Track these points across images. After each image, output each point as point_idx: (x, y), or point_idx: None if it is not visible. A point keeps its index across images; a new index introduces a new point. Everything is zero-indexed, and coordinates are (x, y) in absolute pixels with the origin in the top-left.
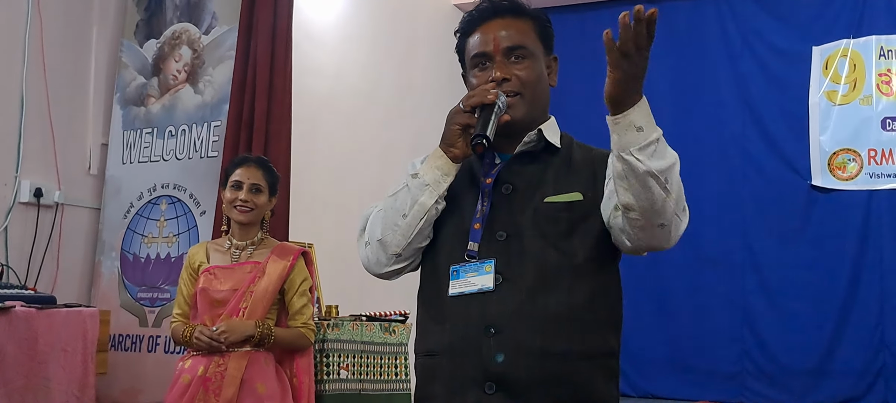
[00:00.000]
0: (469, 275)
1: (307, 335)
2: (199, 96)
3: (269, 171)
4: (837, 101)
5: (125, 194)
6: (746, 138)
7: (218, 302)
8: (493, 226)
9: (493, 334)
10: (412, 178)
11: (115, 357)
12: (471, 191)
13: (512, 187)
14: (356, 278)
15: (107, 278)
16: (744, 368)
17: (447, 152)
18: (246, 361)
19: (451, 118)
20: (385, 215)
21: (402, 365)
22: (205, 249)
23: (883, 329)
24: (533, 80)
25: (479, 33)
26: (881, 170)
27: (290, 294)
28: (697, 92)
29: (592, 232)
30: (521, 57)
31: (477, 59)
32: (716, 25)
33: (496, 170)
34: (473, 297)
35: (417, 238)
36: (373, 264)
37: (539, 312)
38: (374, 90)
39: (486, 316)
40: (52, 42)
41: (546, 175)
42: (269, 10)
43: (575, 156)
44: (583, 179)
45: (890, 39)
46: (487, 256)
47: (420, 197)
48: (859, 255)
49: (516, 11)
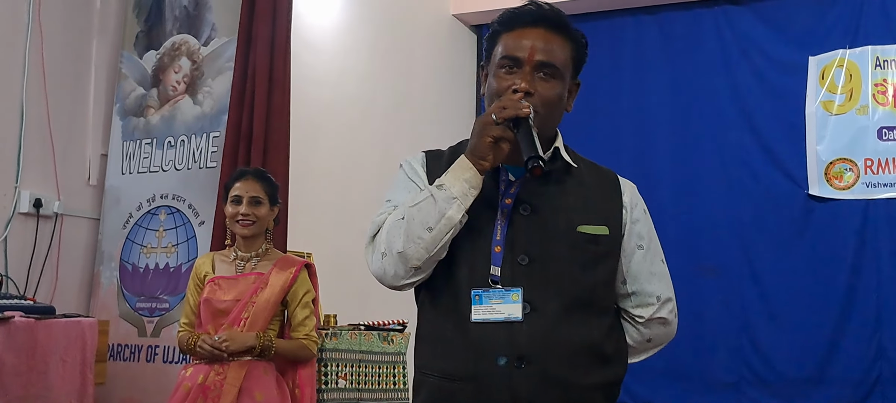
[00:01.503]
0: (494, 302)
1: (309, 346)
2: (199, 107)
3: (268, 182)
4: (834, 111)
5: (124, 204)
6: (743, 148)
7: (221, 312)
8: (514, 249)
9: (522, 368)
10: (437, 190)
11: (114, 367)
12: (483, 207)
13: (530, 208)
14: (355, 287)
15: (106, 288)
16: (742, 376)
17: (476, 165)
18: (245, 371)
19: (483, 130)
20: (407, 226)
21: (401, 375)
22: (211, 260)
23: (880, 337)
24: (553, 101)
25: (516, 35)
26: (878, 180)
27: (293, 305)
28: (695, 101)
29: (612, 266)
30: (550, 75)
31: (506, 60)
32: (713, 36)
33: (514, 189)
34: (500, 326)
35: (439, 252)
36: (389, 277)
37: (565, 344)
38: (373, 99)
39: (515, 346)
40: (52, 53)
41: (568, 198)
42: (267, 22)
43: (587, 178)
44: (604, 210)
45: (886, 50)
46: (511, 281)
47: (448, 210)
48: (856, 264)
49: (559, 27)
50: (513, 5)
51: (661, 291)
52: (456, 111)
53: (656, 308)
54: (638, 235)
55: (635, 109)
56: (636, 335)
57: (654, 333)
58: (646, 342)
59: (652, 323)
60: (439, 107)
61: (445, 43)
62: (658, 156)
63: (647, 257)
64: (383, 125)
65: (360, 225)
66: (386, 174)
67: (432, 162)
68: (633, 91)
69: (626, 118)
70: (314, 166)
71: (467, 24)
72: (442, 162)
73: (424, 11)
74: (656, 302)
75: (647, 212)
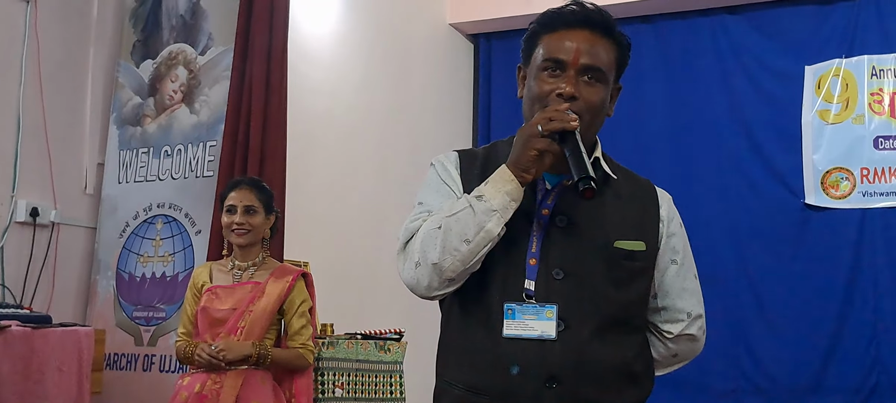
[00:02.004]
0: (527, 318)
1: (305, 355)
2: (195, 116)
3: (262, 190)
4: (830, 120)
5: (121, 213)
6: (739, 157)
7: (218, 321)
8: (549, 262)
9: (553, 387)
10: (477, 201)
11: (111, 376)
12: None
13: (567, 220)
14: (351, 296)
15: (102, 297)
16: (739, 385)
17: (518, 177)
18: (242, 379)
19: (528, 142)
20: (444, 237)
21: (397, 384)
22: (209, 270)
23: (877, 346)
24: (597, 106)
25: (561, 36)
26: (874, 189)
27: (289, 314)
28: (692, 110)
29: (646, 283)
30: (595, 80)
31: (549, 63)
32: (710, 45)
33: (552, 199)
34: (532, 343)
35: (475, 265)
36: (422, 287)
37: (597, 364)
38: (370, 109)
39: (546, 365)
40: (49, 62)
41: (605, 211)
42: (264, 31)
43: (625, 190)
44: (641, 224)
45: (882, 59)
46: (544, 295)
47: (487, 223)
48: (853, 273)
49: (606, 30)
50: (510, 12)
51: (692, 308)
52: (453, 121)
53: (686, 324)
54: (672, 249)
55: (632, 118)
56: (663, 349)
57: (681, 349)
58: (671, 357)
59: (680, 339)
60: (436, 116)
61: (442, 52)
62: (654, 165)
63: (681, 272)
64: (380, 134)
65: (357, 234)
66: (383, 183)
67: (466, 162)
68: (629, 99)
69: (622, 127)
70: (311, 175)
71: (464, 33)
72: (476, 163)
73: (421, 21)
74: (686, 319)
75: (683, 226)
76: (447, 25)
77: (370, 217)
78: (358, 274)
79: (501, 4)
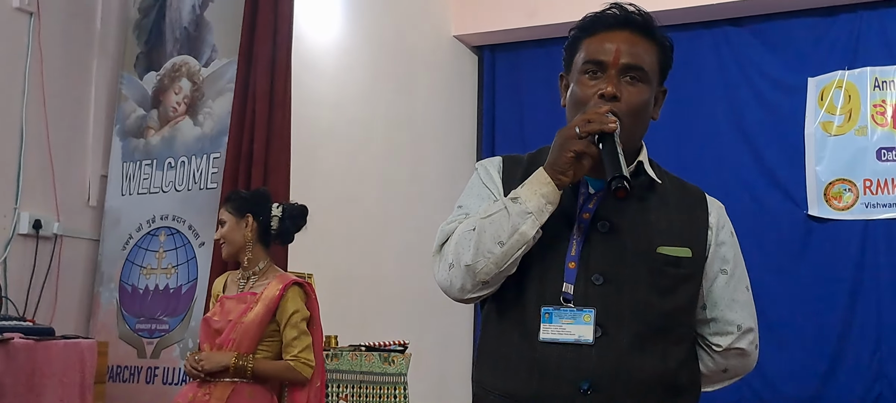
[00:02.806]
0: (564, 322)
1: (297, 368)
2: (199, 128)
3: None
4: (833, 132)
5: (124, 226)
6: (743, 168)
7: (216, 332)
8: (589, 267)
9: (588, 394)
10: (512, 203)
11: (113, 388)
12: (560, 220)
13: (609, 225)
14: (355, 308)
15: (105, 309)
16: (742, 396)
17: (555, 179)
18: (230, 391)
19: (565, 143)
20: (478, 239)
21: (401, 395)
22: (225, 280)
23: (881, 358)
24: (640, 107)
25: (600, 38)
26: (877, 200)
27: (282, 325)
28: (695, 121)
29: (693, 291)
30: (637, 79)
31: (590, 65)
32: (713, 56)
33: (594, 203)
34: (568, 348)
35: (509, 267)
36: (455, 289)
37: (635, 374)
38: (374, 120)
39: (582, 371)
40: (52, 74)
41: (649, 217)
42: (268, 43)
43: (672, 196)
44: (688, 231)
45: (885, 71)
46: (582, 300)
47: (521, 225)
48: (856, 284)
49: (646, 30)
50: (513, 24)
51: (743, 320)
52: (457, 132)
53: (735, 337)
54: (722, 259)
55: None
56: (711, 364)
57: (731, 364)
58: (721, 372)
59: (729, 353)
60: (440, 128)
61: (446, 64)
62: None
63: (731, 283)
64: (384, 146)
65: (361, 245)
66: (386, 194)
67: (509, 167)
68: None
69: None
70: (315, 187)
71: (469, 45)
72: (520, 169)
73: (425, 33)
74: (736, 332)
75: (735, 235)
76: (451, 37)
77: (374, 228)
78: (362, 286)
79: (505, 17)
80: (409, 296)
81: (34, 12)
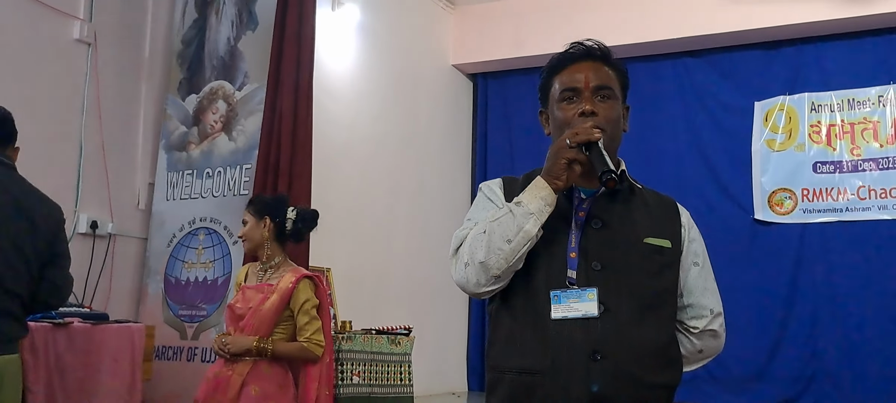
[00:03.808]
0: (571, 301)
1: (310, 348)
2: (233, 143)
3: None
4: (776, 148)
5: (168, 226)
6: (700, 178)
7: (239, 317)
8: (588, 256)
9: (597, 360)
10: (516, 206)
11: (159, 365)
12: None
13: (601, 222)
14: (367, 297)
15: (152, 298)
16: (697, 374)
17: (551, 184)
18: (248, 368)
19: (558, 153)
20: (488, 239)
21: (406, 372)
22: (246, 270)
23: (815, 341)
24: (614, 119)
25: (569, 71)
26: (813, 207)
27: (296, 312)
28: (658, 141)
29: (675, 276)
30: (608, 96)
31: (566, 93)
32: (673, 84)
33: (587, 205)
34: (577, 322)
35: (517, 262)
36: (472, 284)
37: (636, 343)
38: (383, 138)
39: (590, 341)
40: (107, 96)
41: (634, 215)
42: (292, 70)
43: (649, 200)
44: (667, 227)
45: (820, 96)
46: (585, 284)
47: (525, 224)
48: (794, 278)
49: (605, 59)
50: (504, 55)
51: (714, 305)
52: (455, 148)
53: (709, 320)
54: (694, 253)
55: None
56: (689, 345)
57: (706, 344)
58: (697, 352)
59: (704, 334)
60: (440, 144)
61: (446, 90)
62: None
63: (702, 274)
64: (392, 160)
65: (372, 245)
66: (394, 201)
67: (509, 185)
68: None
69: None
70: (332, 194)
71: (465, 73)
72: (517, 185)
73: (428, 62)
74: (709, 315)
75: (701, 237)
76: (450, 66)
77: (383, 230)
78: (373, 279)
79: (497, 48)
80: (412, 288)
81: (92, 43)
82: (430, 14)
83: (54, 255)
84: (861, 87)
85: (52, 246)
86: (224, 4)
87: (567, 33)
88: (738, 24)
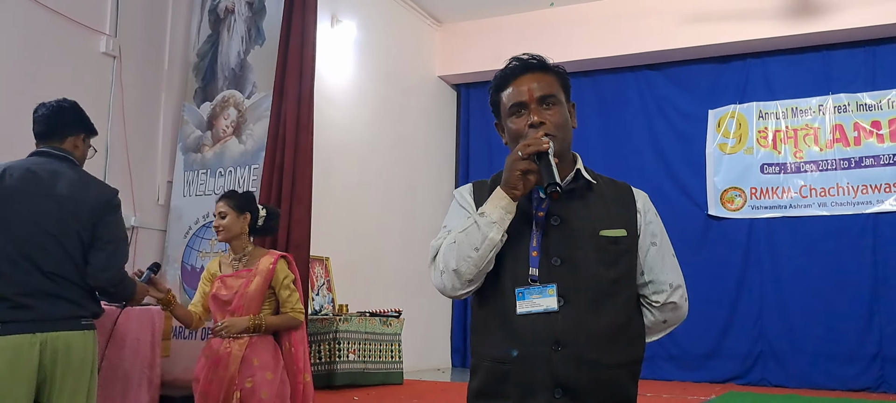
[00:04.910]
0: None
1: (295, 316)
2: (243, 146)
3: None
4: (727, 151)
5: (185, 220)
6: (659, 178)
7: (225, 303)
8: (549, 253)
9: (559, 350)
10: (480, 217)
11: (176, 344)
12: (521, 221)
13: (560, 219)
14: (362, 283)
15: (170, 283)
16: (655, 352)
17: (509, 193)
18: (246, 344)
19: (513, 165)
20: (458, 248)
21: (397, 351)
22: (219, 261)
23: (762, 323)
24: (562, 123)
25: (513, 86)
26: (760, 204)
27: (278, 289)
28: (621, 145)
29: (631, 261)
30: (552, 104)
31: (514, 108)
32: (635, 94)
33: (545, 204)
34: (539, 316)
35: (487, 266)
36: (449, 289)
37: (594, 330)
38: (377, 141)
39: (552, 333)
40: (130, 103)
41: (590, 210)
42: (296, 80)
43: (606, 192)
44: (622, 216)
45: (767, 105)
46: (547, 279)
47: (489, 233)
48: (743, 267)
49: (543, 67)
50: (484, 68)
51: (673, 279)
52: (440, 150)
53: (669, 293)
54: (651, 233)
55: (575, 151)
56: (653, 317)
57: (668, 316)
58: (661, 323)
59: (666, 307)
60: (427, 146)
61: (432, 98)
62: None
63: (660, 252)
64: (384, 161)
65: (366, 236)
66: (387, 199)
67: (478, 190)
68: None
69: None
70: (331, 192)
71: (449, 83)
72: (485, 188)
73: (416, 73)
74: (668, 289)
75: (658, 216)
76: (436, 77)
77: (376, 223)
78: (367, 267)
79: (479, 61)
80: (403, 275)
81: (117, 56)
82: (419, 30)
83: (96, 239)
84: (803, 97)
85: (95, 229)
86: (235, 22)
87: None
88: (694, 41)
